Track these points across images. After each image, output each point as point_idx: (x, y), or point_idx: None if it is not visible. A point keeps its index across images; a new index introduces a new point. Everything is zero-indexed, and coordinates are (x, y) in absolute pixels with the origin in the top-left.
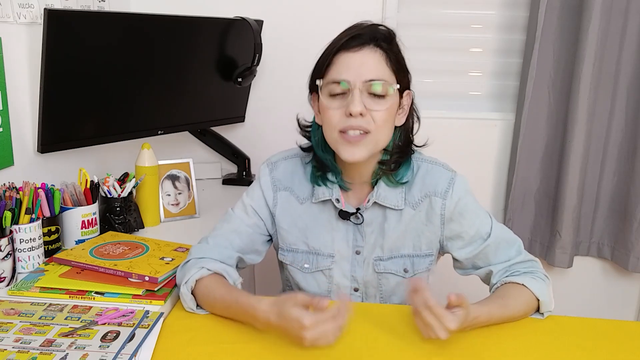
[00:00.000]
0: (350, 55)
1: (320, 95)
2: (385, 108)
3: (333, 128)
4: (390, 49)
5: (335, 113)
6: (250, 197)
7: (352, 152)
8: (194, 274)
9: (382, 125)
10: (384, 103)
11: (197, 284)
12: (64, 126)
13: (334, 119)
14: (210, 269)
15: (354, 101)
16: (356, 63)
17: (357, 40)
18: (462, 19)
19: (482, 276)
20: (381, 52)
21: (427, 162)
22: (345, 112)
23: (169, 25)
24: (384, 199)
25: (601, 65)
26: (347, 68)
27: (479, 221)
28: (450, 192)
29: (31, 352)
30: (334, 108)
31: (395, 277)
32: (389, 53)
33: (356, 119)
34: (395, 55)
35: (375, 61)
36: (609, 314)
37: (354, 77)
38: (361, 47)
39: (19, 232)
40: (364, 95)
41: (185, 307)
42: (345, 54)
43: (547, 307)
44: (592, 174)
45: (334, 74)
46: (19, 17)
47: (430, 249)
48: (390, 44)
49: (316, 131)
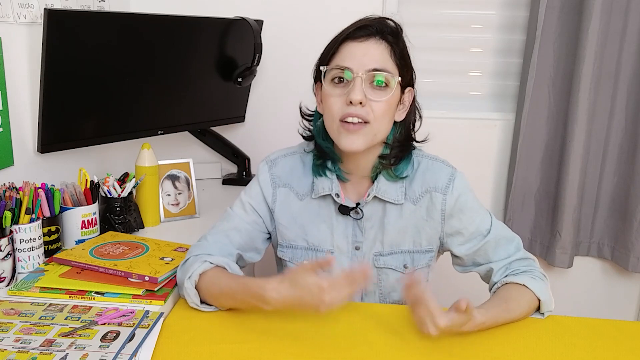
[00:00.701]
0: (355, 44)
1: (323, 82)
2: (385, 99)
3: (333, 117)
4: (396, 43)
5: (336, 101)
6: (248, 195)
7: (351, 141)
8: (197, 267)
9: (380, 116)
10: (384, 94)
11: (201, 278)
12: (64, 126)
13: (335, 107)
14: (213, 262)
15: (354, 89)
16: (361, 52)
17: (364, 30)
18: (462, 19)
19: (482, 274)
20: (386, 44)
21: (428, 159)
22: (346, 100)
23: (169, 25)
24: (384, 193)
25: (601, 65)
26: (352, 56)
27: (479, 218)
28: (450, 188)
29: (31, 352)
30: (335, 96)
31: (394, 273)
32: (394, 47)
33: (356, 108)
34: (401, 50)
35: (380, 52)
36: (609, 314)
37: (357, 66)
38: (367, 38)
39: (19, 232)
40: (365, 85)
41: (190, 302)
42: (351, 43)
43: (548, 307)
44: (592, 174)
45: (338, 61)
46: (19, 17)
47: (430, 244)
48: (397, 39)
49: (317, 119)
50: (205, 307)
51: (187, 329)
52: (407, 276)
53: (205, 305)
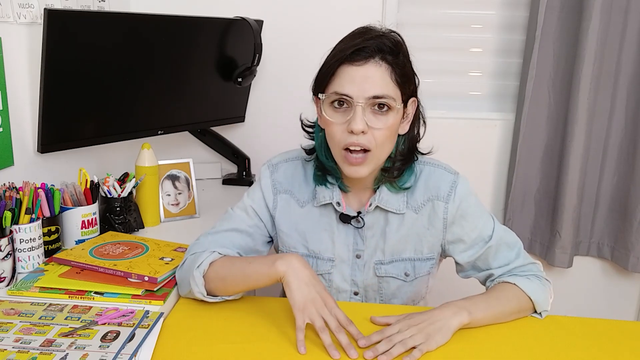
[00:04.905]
0: (354, 68)
1: (323, 106)
2: (387, 126)
3: (336, 144)
4: (396, 62)
5: (338, 129)
6: (251, 199)
7: (355, 171)
8: (207, 257)
9: (382, 143)
10: (387, 119)
11: (210, 267)
12: (64, 126)
13: (337, 135)
14: (222, 253)
15: (355, 119)
16: (360, 77)
17: (362, 53)
18: (462, 19)
19: (482, 280)
20: (386, 65)
21: (429, 165)
22: (347, 129)
23: (169, 25)
24: (386, 203)
25: (601, 65)
26: (351, 82)
27: (481, 224)
28: (452, 196)
29: (31, 352)
30: (336, 123)
31: (396, 281)
32: (394, 66)
33: (358, 137)
34: (401, 68)
35: (380, 75)
36: (609, 314)
37: (357, 93)
38: (366, 61)
39: (19, 232)
40: (366, 111)
41: (196, 292)
42: (349, 67)
43: (541, 307)
44: (592, 174)
45: (336, 87)
46: (19, 17)
47: (431, 252)
48: (397, 57)
49: (319, 134)
50: (210, 298)
51: (187, 329)
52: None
53: (210, 297)
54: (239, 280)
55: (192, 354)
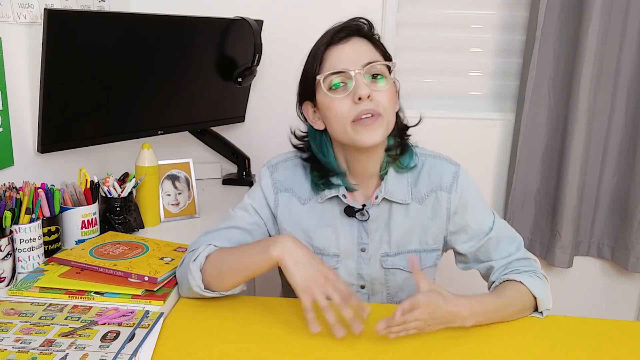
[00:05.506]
0: (340, 47)
1: (319, 93)
2: (388, 87)
3: (344, 120)
4: (375, 39)
5: (342, 104)
6: (251, 198)
7: (369, 136)
8: (203, 250)
9: (388, 106)
10: (385, 84)
11: (207, 260)
12: (64, 126)
13: (343, 110)
14: (218, 245)
15: (359, 86)
16: (348, 52)
17: (343, 32)
18: (462, 19)
19: (483, 271)
20: (367, 40)
21: (431, 157)
22: (354, 99)
23: (169, 25)
24: (392, 194)
25: (601, 65)
26: (342, 58)
27: (482, 215)
28: (455, 186)
29: (31, 352)
30: (339, 99)
31: (402, 273)
32: (374, 41)
33: (366, 103)
34: (381, 43)
35: (366, 47)
36: (609, 314)
37: (351, 65)
38: (349, 39)
39: (19, 232)
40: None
41: (194, 286)
42: (335, 47)
43: (545, 306)
44: (592, 174)
45: (329, 68)
46: (19, 17)
47: (436, 243)
48: (372, 34)
49: (315, 138)
50: (208, 293)
51: (187, 329)
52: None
53: (208, 291)
54: (235, 270)
55: (192, 354)
